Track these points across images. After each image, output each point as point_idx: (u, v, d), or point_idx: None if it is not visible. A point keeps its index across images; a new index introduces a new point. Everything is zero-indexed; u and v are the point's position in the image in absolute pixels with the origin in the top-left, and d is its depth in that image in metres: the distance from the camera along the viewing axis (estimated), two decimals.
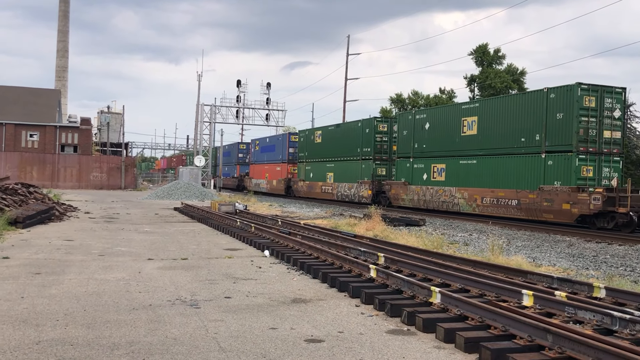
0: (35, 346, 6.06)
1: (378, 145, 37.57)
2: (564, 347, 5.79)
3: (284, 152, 53.17)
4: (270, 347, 6.27)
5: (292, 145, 51.96)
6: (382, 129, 37.57)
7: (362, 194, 37.75)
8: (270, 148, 57.47)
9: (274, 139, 57.39)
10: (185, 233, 18.54)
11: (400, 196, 33.51)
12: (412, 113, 34.30)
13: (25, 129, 61.89)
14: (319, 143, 45.59)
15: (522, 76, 63.09)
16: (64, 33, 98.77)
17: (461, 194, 28.42)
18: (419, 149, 32.54)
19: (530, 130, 24.80)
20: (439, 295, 7.93)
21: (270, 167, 56.44)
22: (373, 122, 37.75)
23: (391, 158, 36.99)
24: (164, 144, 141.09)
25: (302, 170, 48.80)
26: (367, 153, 38.01)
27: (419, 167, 32.43)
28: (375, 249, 13.47)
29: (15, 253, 12.79)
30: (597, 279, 11.35)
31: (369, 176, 37.34)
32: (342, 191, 40.60)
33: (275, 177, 54.50)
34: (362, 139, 38.65)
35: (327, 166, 43.74)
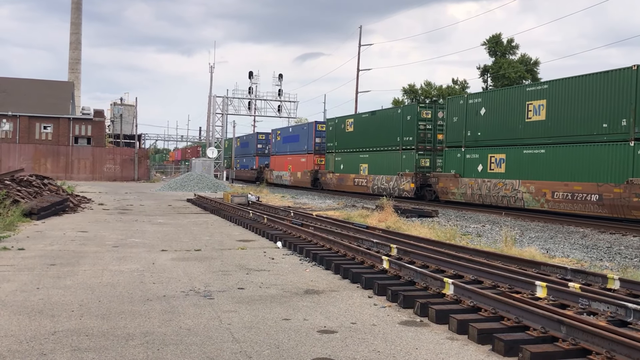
0: (51, 336, 6.13)
1: (421, 134, 34.16)
2: (577, 339, 5.78)
3: (309, 142, 49.80)
4: (283, 338, 6.30)
5: (319, 135, 48.75)
6: (426, 116, 34.30)
7: (403, 187, 34.60)
8: (294, 138, 54.12)
9: (298, 129, 54.15)
10: (198, 224, 18.62)
11: (450, 190, 30.18)
12: (463, 97, 30.50)
13: (39, 121, 62.31)
14: (351, 132, 42.15)
15: (536, 66, 62.66)
16: (76, 25, 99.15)
17: (526, 187, 25.03)
18: (472, 137, 29.05)
19: (614, 115, 21.65)
20: (451, 287, 7.92)
21: (294, 159, 53.29)
22: (416, 109, 34.64)
23: (435, 148, 34.14)
24: (176, 136, 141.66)
25: (330, 161, 45.42)
26: (409, 142, 34.74)
27: (473, 158, 28.87)
28: (388, 240, 13.46)
29: (31, 244, 12.91)
30: (611, 270, 11.29)
31: (411, 168, 34.17)
32: (378, 184, 37.32)
33: (299, 169, 51.40)
34: (403, 127, 35.31)
35: (361, 157, 40.28)
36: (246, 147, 73.71)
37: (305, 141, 50.71)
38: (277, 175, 57.36)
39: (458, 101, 30.83)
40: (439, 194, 31.53)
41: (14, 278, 9.15)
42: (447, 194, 30.67)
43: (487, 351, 6.06)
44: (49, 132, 62.61)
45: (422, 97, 67.45)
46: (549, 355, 5.56)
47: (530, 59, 62.82)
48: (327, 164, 46.53)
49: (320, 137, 48.58)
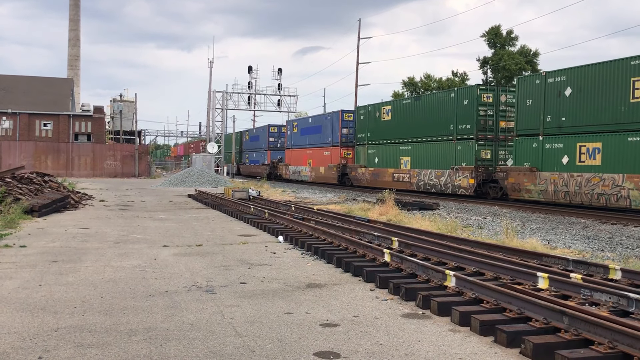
0: (54, 333, 6.14)
1: (481, 121, 29.29)
2: (580, 329, 5.78)
3: (334, 133, 44.40)
4: (286, 332, 6.31)
5: (346, 125, 43.36)
6: (487, 100, 29.33)
7: (459, 184, 29.88)
8: (315, 129, 48.65)
9: (320, 119, 48.72)
10: (200, 220, 18.63)
11: (524, 186, 25.34)
12: (540, 76, 25.42)
13: (39, 119, 62.37)
14: (388, 121, 37.16)
15: (536, 57, 62.59)
16: (75, 22, 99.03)
17: (634, 183, 20.46)
18: (553, 123, 24.19)
19: None
20: (453, 279, 7.92)
21: (315, 152, 47.89)
22: (475, 92, 29.44)
23: (497, 137, 29.53)
24: (176, 132, 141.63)
25: (362, 154, 40.39)
26: (466, 131, 29.95)
27: (555, 148, 24.10)
28: (389, 233, 13.47)
29: (32, 241, 12.92)
30: (612, 260, 11.29)
31: (470, 161, 29.39)
32: (425, 180, 32.69)
33: (322, 164, 46.09)
34: (458, 113, 30.52)
35: (401, 149, 35.46)
36: (256, 141, 68.49)
37: (330, 132, 45.41)
38: (294, 170, 52.59)
39: (533, 81, 25.71)
40: (508, 191, 26.72)
41: (16, 275, 9.17)
42: (519, 192, 25.78)
43: (489, 343, 6.07)
44: (49, 129, 62.64)
45: (422, 89, 67.37)
46: (552, 346, 5.56)
47: (530, 50, 62.76)
48: (356, 157, 41.58)
49: (348, 128, 43.36)
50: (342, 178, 42.89)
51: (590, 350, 5.43)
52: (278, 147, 61.93)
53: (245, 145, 74.22)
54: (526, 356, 5.62)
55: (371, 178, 38.54)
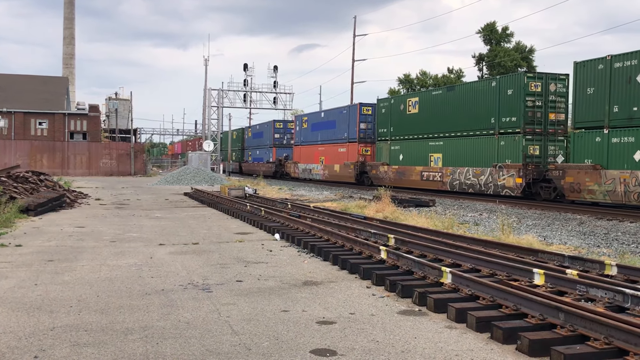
0: (49, 332, 6.13)
1: (529, 113, 26.07)
2: (575, 325, 5.79)
3: (351, 128, 41.12)
4: (282, 330, 6.31)
5: (364, 119, 40.02)
6: (535, 89, 26.25)
7: (503, 184, 26.64)
8: (328, 124, 45.27)
9: (334, 113, 44.99)
10: (196, 218, 18.61)
11: (585, 186, 22.13)
12: (605, 60, 22.18)
13: (34, 117, 62.18)
14: (415, 115, 33.90)
15: (531, 54, 62.66)
16: (70, 20, 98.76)
17: None
18: (622, 113, 21.23)
19: None
20: (449, 276, 7.93)
21: (329, 149, 44.63)
22: (522, 80, 26.38)
23: (546, 131, 26.27)
24: (172, 130, 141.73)
25: (384, 151, 36.96)
26: (511, 124, 26.77)
27: (625, 142, 21.09)
28: (386, 230, 13.47)
29: (28, 241, 12.89)
30: (608, 256, 11.32)
31: (516, 157, 26.28)
32: (461, 179, 29.44)
33: (337, 161, 42.82)
34: (501, 104, 27.42)
35: (431, 145, 32.21)
36: (260, 138, 65.03)
37: (346, 127, 41.99)
38: (304, 168, 49.21)
39: (595, 66, 22.61)
40: (565, 192, 23.47)
41: (12, 274, 9.14)
42: (579, 192, 22.55)
43: (485, 339, 6.08)
44: (45, 128, 62.47)
45: (418, 86, 67.42)
46: (548, 342, 5.57)
47: (526, 46, 62.84)
48: (378, 154, 38.05)
49: (366, 122, 39.93)
50: (361, 177, 39.58)
51: (586, 346, 5.44)
52: (284, 143, 58.97)
53: (247, 142, 71.12)
54: (522, 352, 5.63)
55: (395, 177, 34.97)
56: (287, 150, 57.21)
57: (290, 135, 57.65)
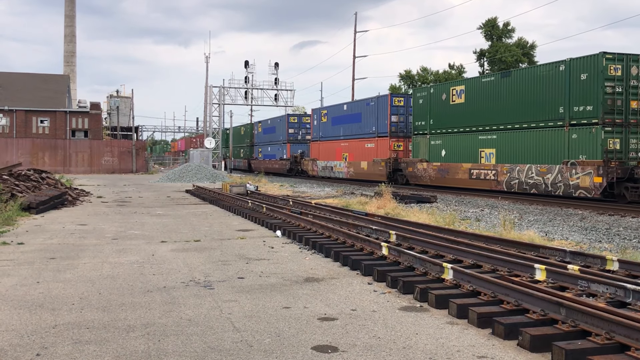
0: (52, 330, 6.14)
1: (609, 101, 22.26)
2: (577, 321, 5.79)
3: (380, 122, 37.62)
4: (284, 326, 6.32)
5: (396, 111, 36.56)
6: (614, 73, 22.44)
7: (576, 183, 22.72)
8: (352, 118, 41.74)
9: (359, 105, 41.41)
10: (198, 215, 18.63)
11: None
12: None
13: (35, 115, 62.23)
14: (460, 105, 30.02)
15: (533, 49, 62.56)
16: (71, 18, 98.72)
17: None
18: None
19: None
20: (451, 272, 7.93)
21: (353, 145, 41.16)
22: (599, 62, 22.54)
23: (628, 121, 22.48)
24: (173, 127, 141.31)
25: (421, 146, 33.23)
26: (585, 114, 22.92)
27: None
28: (387, 226, 13.48)
29: (30, 238, 12.91)
30: (610, 251, 11.31)
31: (593, 153, 22.42)
32: (521, 178, 25.48)
33: (364, 158, 39.25)
34: (572, 91, 23.61)
35: (481, 139, 28.29)
36: (271, 134, 60.94)
37: (374, 121, 38.31)
38: (323, 166, 45.74)
39: None
40: None
41: (14, 272, 9.16)
42: None
43: (487, 335, 6.08)
44: (46, 126, 62.52)
45: (419, 82, 67.36)
46: (549, 338, 5.58)
47: (527, 42, 62.73)
48: (414, 150, 34.20)
49: (398, 115, 36.52)
50: (394, 175, 36.06)
51: (587, 342, 5.44)
52: (299, 139, 55.27)
53: (257, 138, 66.85)
54: (524, 348, 5.63)
55: (437, 175, 31.31)
56: (303, 146, 54.08)
57: (306, 130, 54.82)
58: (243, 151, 71.84)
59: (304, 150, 53.01)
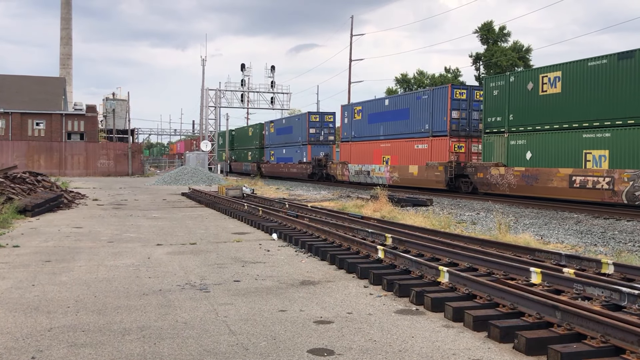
0: (47, 333, 6.13)
1: None
2: (572, 324, 5.81)
3: (436, 118, 31.78)
4: (280, 329, 6.31)
5: (457, 105, 30.84)
6: None
7: None
8: (396, 115, 35.80)
9: (406, 100, 35.36)
10: (194, 218, 18.61)
11: None
12: None
13: (31, 118, 62.11)
14: (556, 95, 23.93)
15: (528, 53, 62.74)
16: (67, 20, 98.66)
17: None
18: None
19: None
20: (447, 275, 7.94)
21: (398, 145, 35.31)
22: None
23: None
24: (170, 130, 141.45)
25: (496, 147, 27.11)
26: None
27: None
28: (383, 229, 13.49)
29: (25, 241, 12.88)
30: (605, 255, 11.34)
31: None
32: None
33: (413, 161, 33.59)
34: None
35: (587, 137, 22.49)
36: (287, 134, 55.05)
37: (427, 117, 32.75)
38: (357, 170, 39.92)
39: None
40: None
41: (9, 275, 9.14)
42: None
43: (483, 338, 6.09)
44: (42, 129, 62.40)
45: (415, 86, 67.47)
46: (545, 341, 5.59)
47: (523, 46, 62.91)
48: (487, 151, 27.99)
49: (459, 110, 30.90)
50: (455, 181, 30.09)
51: (583, 345, 5.45)
52: (321, 140, 50.16)
53: (269, 139, 60.98)
54: (519, 351, 5.64)
55: (519, 182, 25.17)
56: (325, 148, 49.36)
57: (329, 130, 50.69)
58: (251, 154, 67.01)
59: (329, 152, 48.79)
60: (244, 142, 70.61)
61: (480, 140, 29.31)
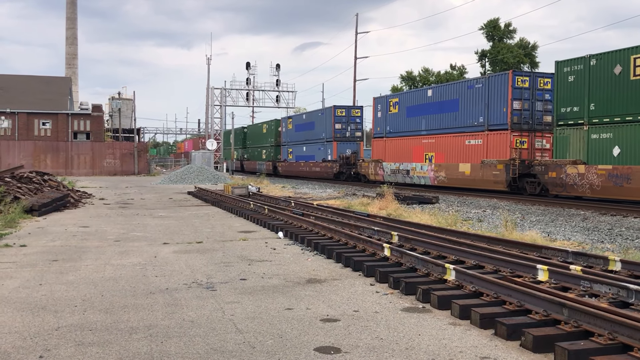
0: (54, 332, 6.15)
1: None
2: (579, 321, 5.79)
3: (494, 109, 28.37)
4: (286, 328, 6.32)
5: (519, 95, 27.19)
6: None
7: None
8: (441, 106, 32.35)
9: (455, 89, 31.73)
10: (200, 217, 18.63)
11: None
12: None
13: (37, 118, 62.26)
14: None
15: (534, 50, 62.52)
16: (72, 20, 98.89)
17: None
18: None
19: None
20: (453, 272, 7.93)
21: (444, 141, 31.81)
22: None
23: None
24: (175, 129, 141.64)
25: (573, 142, 23.49)
26: None
27: None
28: (389, 227, 13.47)
29: (32, 241, 12.92)
30: (612, 252, 11.30)
31: None
32: None
33: (463, 158, 30.06)
34: None
35: None
36: (309, 130, 51.40)
37: (481, 109, 29.16)
38: (393, 169, 36.36)
39: None
40: None
41: (17, 275, 9.17)
42: None
43: (489, 336, 6.08)
44: (48, 128, 62.55)
45: (420, 83, 67.34)
46: (552, 338, 5.57)
47: (528, 43, 62.70)
48: (560, 147, 24.36)
49: (521, 100, 27.33)
50: (520, 181, 26.41)
51: (590, 342, 5.44)
52: (347, 136, 47.12)
53: (286, 136, 57.51)
54: (526, 349, 5.63)
55: (606, 183, 21.66)
56: (352, 145, 46.40)
57: (356, 125, 47.41)
58: (266, 152, 63.48)
59: (356, 149, 45.94)
60: (258, 140, 67.44)
61: (545, 135, 26.61)
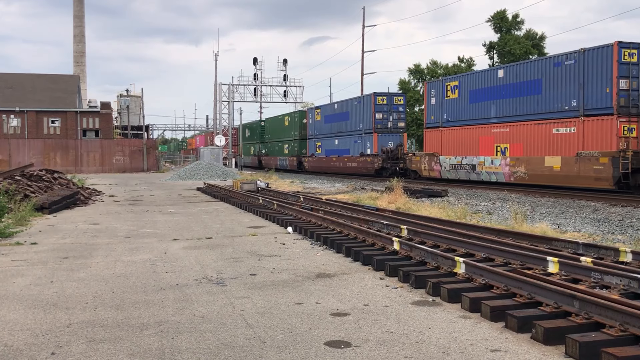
0: (66, 329, 6.18)
1: None
2: (590, 313, 5.76)
3: (590, 91, 23.33)
4: (296, 322, 6.33)
5: (627, 72, 22.22)
6: None
7: None
8: (515, 89, 27.47)
9: (535, 68, 26.53)
10: (209, 212, 18.68)
11: None
12: None
13: (46, 116, 62.50)
14: None
15: (542, 41, 62.14)
16: (80, 18, 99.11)
17: None
18: None
19: None
20: (463, 265, 7.91)
21: (521, 130, 27.00)
22: None
23: None
24: (184, 125, 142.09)
25: None
26: None
27: None
28: (398, 221, 13.45)
29: (43, 238, 12.99)
30: (623, 243, 11.24)
31: None
32: None
33: (547, 150, 25.23)
34: None
35: None
36: (340, 121, 46.52)
37: (574, 91, 24.15)
38: (454, 164, 31.53)
39: None
40: None
41: (28, 272, 9.23)
42: None
43: (500, 328, 6.06)
44: (57, 127, 62.79)
45: (429, 76, 67.09)
46: (563, 330, 5.55)
47: (536, 34, 62.30)
48: None
49: (628, 78, 22.22)
50: (632, 178, 21.67)
51: (601, 334, 5.41)
52: (390, 127, 41.50)
53: (313, 128, 52.60)
54: (537, 341, 5.61)
55: None
56: (394, 137, 41.18)
57: (398, 114, 41.79)
58: (288, 147, 58.19)
59: (400, 142, 40.96)
60: (278, 134, 62.30)
61: None
